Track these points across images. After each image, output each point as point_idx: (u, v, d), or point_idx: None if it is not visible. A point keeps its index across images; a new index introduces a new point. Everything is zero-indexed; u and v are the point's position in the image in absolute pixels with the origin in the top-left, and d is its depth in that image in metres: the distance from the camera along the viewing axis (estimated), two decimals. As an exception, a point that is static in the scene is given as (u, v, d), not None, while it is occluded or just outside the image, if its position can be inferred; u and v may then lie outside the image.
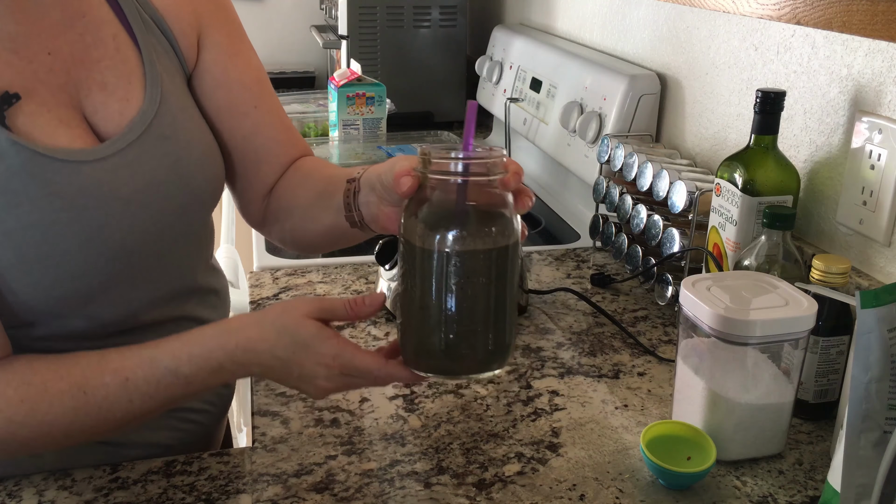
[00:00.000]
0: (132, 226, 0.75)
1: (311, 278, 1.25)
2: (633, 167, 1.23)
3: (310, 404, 0.92)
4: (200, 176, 0.82)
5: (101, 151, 0.74)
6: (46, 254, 0.70)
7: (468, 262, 0.62)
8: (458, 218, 0.62)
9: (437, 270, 0.62)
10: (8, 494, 0.76)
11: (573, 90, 1.57)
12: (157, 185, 0.77)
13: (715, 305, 0.79)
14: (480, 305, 0.64)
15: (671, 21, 1.40)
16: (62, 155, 0.71)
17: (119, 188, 0.74)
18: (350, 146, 1.64)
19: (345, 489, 0.78)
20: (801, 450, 0.86)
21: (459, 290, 0.63)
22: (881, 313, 0.61)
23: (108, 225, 0.73)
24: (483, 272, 0.63)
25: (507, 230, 0.63)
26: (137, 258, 0.77)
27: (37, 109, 0.72)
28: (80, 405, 0.69)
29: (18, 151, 0.69)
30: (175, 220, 0.80)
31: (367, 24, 2.08)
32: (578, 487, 0.79)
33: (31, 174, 0.69)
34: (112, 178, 0.74)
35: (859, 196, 0.98)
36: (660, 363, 1.02)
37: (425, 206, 0.63)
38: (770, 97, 0.96)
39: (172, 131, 0.79)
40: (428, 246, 0.62)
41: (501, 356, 0.67)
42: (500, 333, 0.66)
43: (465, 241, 0.62)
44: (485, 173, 0.62)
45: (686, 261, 1.12)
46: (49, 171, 0.70)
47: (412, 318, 0.66)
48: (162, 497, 0.76)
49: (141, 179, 0.76)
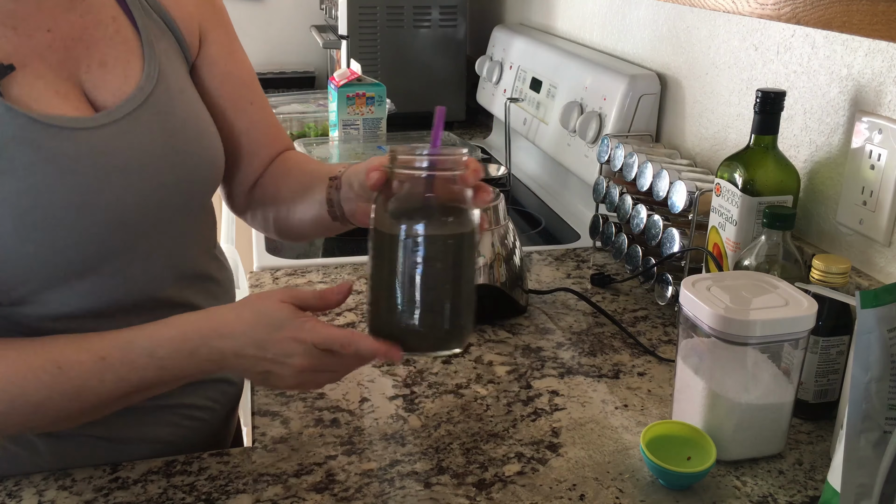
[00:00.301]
0: (126, 195, 0.75)
1: (311, 278, 1.25)
2: (633, 167, 1.23)
3: (310, 404, 0.92)
4: (197, 154, 0.83)
5: (97, 120, 0.75)
6: (42, 219, 0.70)
7: (427, 248, 0.68)
8: (420, 208, 0.69)
9: (400, 255, 0.69)
10: (8, 494, 0.76)
11: (573, 90, 1.57)
12: (153, 157, 0.78)
13: (715, 305, 0.79)
14: (438, 288, 0.70)
15: (671, 21, 1.40)
16: (57, 122, 0.72)
17: (114, 156, 0.75)
18: (350, 146, 1.64)
19: (345, 489, 0.78)
20: (801, 450, 0.86)
21: (419, 273, 0.69)
22: (881, 313, 0.61)
23: (102, 191, 0.74)
24: (440, 258, 0.69)
25: (464, 221, 0.70)
26: (133, 231, 0.77)
27: (33, 81, 0.73)
28: (54, 381, 0.70)
29: (13, 118, 0.70)
30: (171, 195, 0.80)
31: (367, 24, 2.08)
32: (578, 487, 0.79)
33: (25, 140, 0.70)
34: (107, 146, 0.75)
35: (859, 196, 0.98)
36: (660, 363, 1.02)
37: (392, 197, 0.70)
38: (770, 97, 0.96)
39: (170, 108, 0.81)
40: (392, 232, 0.69)
41: (458, 336, 0.72)
42: (457, 316, 0.71)
43: (425, 228, 0.69)
44: (445, 169, 0.69)
45: (686, 261, 1.12)
46: (44, 137, 0.71)
47: (378, 298, 0.71)
48: (162, 497, 0.76)
49: (136, 150, 0.77)
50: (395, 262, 0.69)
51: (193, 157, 0.83)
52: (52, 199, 0.71)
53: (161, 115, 0.80)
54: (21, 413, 0.71)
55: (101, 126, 0.75)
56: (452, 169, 0.69)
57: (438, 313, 0.71)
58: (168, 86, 0.81)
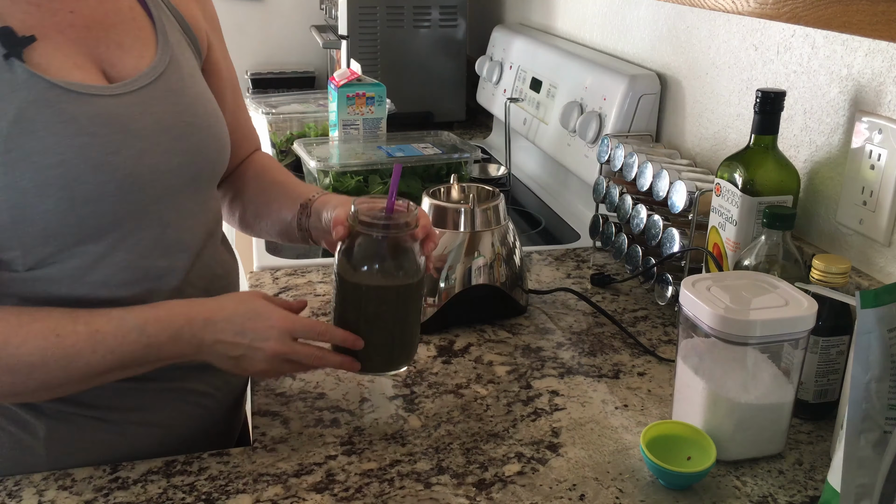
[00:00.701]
0: (141, 158, 0.80)
1: (310, 278, 1.25)
2: (633, 167, 1.23)
3: (310, 404, 0.92)
4: (207, 132, 0.88)
5: (113, 89, 0.80)
6: (60, 176, 0.75)
7: (379, 296, 0.83)
8: (375, 262, 0.82)
9: (357, 299, 0.83)
10: (8, 494, 0.76)
11: (573, 90, 1.57)
12: (165, 127, 0.83)
13: (715, 305, 0.79)
14: (387, 327, 0.85)
15: (671, 21, 1.40)
16: (76, 87, 0.77)
17: (129, 122, 0.80)
18: (350, 146, 1.64)
19: (345, 489, 0.78)
20: (801, 450, 0.86)
21: (373, 315, 0.83)
22: (881, 313, 0.61)
23: (118, 153, 0.78)
24: (391, 304, 0.84)
25: (412, 272, 0.84)
26: (146, 194, 0.81)
27: (53, 52, 0.78)
28: (49, 347, 0.74)
29: (35, 83, 0.75)
30: (182, 166, 0.85)
31: (367, 24, 2.08)
32: (578, 487, 0.79)
33: (46, 103, 0.75)
34: (123, 113, 0.80)
35: (859, 196, 0.98)
36: (660, 363, 1.02)
37: (352, 249, 0.83)
38: (770, 97, 0.96)
39: (180, 87, 0.86)
40: (352, 280, 0.82)
41: (405, 359, 0.88)
42: (404, 345, 0.87)
43: (378, 278, 0.83)
44: (399, 227, 0.82)
45: (686, 261, 1.12)
46: (63, 101, 0.76)
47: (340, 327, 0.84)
48: (162, 497, 0.76)
49: (150, 119, 0.82)
50: (354, 303, 0.83)
51: (203, 133, 0.88)
52: (69, 157, 0.75)
53: (173, 93, 0.85)
54: (13, 373, 0.74)
55: (116, 95, 0.80)
56: (405, 227, 0.82)
57: (387, 345, 0.86)
58: (179, 69, 0.87)
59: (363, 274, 0.82)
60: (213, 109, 0.91)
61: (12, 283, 0.78)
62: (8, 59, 0.74)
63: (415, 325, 0.88)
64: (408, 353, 0.88)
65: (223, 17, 1.05)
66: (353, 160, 1.54)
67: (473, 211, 1.07)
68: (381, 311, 0.83)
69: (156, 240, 0.83)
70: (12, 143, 0.73)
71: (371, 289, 0.82)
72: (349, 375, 0.97)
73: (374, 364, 0.86)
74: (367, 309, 0.83)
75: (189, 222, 0.87)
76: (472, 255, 1.07)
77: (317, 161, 1.49)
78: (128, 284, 0.82)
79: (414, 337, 0.88)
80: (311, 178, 1.55)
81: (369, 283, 0.82)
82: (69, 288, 0.79)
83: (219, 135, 0.91)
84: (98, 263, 0.79)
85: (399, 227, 0.82)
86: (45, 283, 0.78)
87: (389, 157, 1.53)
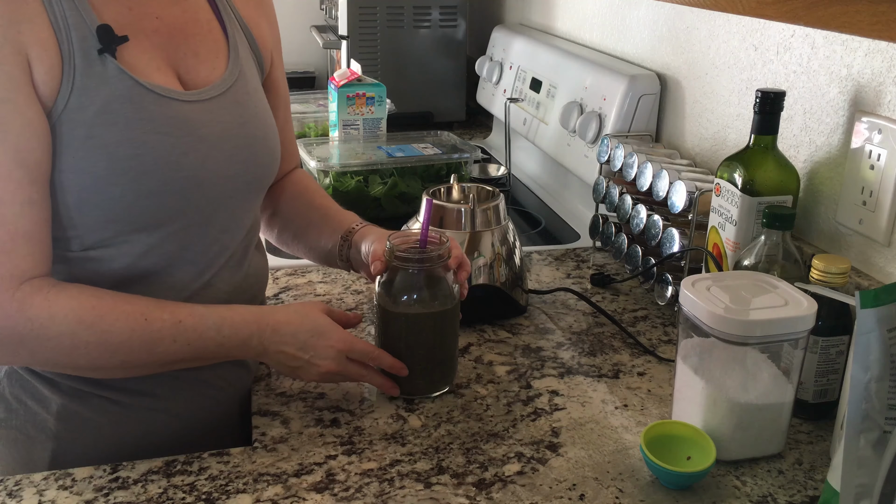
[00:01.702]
0: (205, 162, 0.86)
1: (311, 278, 1.25)
2: (633, 167, 1.23)
3: (310, 404, 0.92)
4: (264, 143, 0.94)
5: (188, 96, 0.86)
6: (132, 167, 0.80)
7: (418, 322, 0.91)
8: (412, 292, 0.90)
9: (398, 327, 0.91)
10: (8, 494, 0.76)
11: (573, 90, 1.57)
12: (230, 136, 0.89)
13: (715, 305, 0.79)
14: (427, 353, 0.92)
15: (671, 21, 1.40)
16: (157, 90, 0.83)
17: (199, 127, 0.85)
18: (350, 146, 1.64)
19: (345, 489, 0.78)
20: (800, 450, 0.86)
21: (413, 339, 0.91)
22: (881, 313, 0.61)
23: (187, 154, 0.84)
24: (428, 330, 0.91)
25: (446, 299, 0.91)
26: (205, 194, 0.86)
27: (139, 54, 0.83)
28: (137, 328, 0.79)
29: (122, 79, 0.80)
30: (240, 173, 0.90)
31: (367, 24, 2.08)
32: (578, 487, 0.79)
33: (129, 99, 0.80)
34: (195, 118, 0.85)
35: (859, 196, 0.98)
36: (660, 363, 1.03)
37: (391, 282, 0.91)
38: (770, 97, 0.96)
39: (245, 100, 0.92)
40: (392, 310, 0.90)
41: (445, 381, 0.95)
42: (444, 368, 0.94)
43: (416, 307, 0.90)
44: (433, 260, 0.90)
45: (686, 261, 1.12)
46: (145, 100, 0.81)
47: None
48: (162, 497, 0.76)
49: (217, 126, 0.87)
50: (395, 331, 0.91)
51: (260, 145, 0.93)
52: (144, 151, 0.80)
53: (238, 106, 0.91)
54: (101, 348, 0.79)
55: (191, 101, 0.86)
56: (439, 259, 0.90)
57: (428, 369, 0.92)
58: (246, 83, 0.93)
59: (402, 304, 0.90)
60: (270, 123, 0.97)
61: (65, 261, 0.82)
62: (101, 54, 0.79)
63: (453, 347, 0.94)
64: (448, 374, 0.95)
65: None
66: (354, 160, 1.54)
67: (473, 211, 1.07)
68: (420, 338, 0.91)
69: (203, 237, 0.88)
70: (94, 131, 0.78)
71: (410, 317, 0.90)
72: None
73: (418, 387, 0.93)
74: (407, 336, 0.91)
75: (235, 225, 0.93)
76: (472, 255, 1.07)
77: (317, 161, 1.49)
78: (170, 275, 0.86)
79: (453, 359, 0.95)
80: (311, 178, 1.55)
81: (408, 313, 0.90)
82: (117, 272, 0.83)
83: (273, 148, 0.97)
84: (148, 253, 0.84)
85: (433, 260, 0.90)
86: (96, 263, 0.83)
87: (389, 157, 1.54)
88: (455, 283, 0.92)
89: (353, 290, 1.21)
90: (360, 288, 1.21)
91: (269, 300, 1.17)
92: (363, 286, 1.22)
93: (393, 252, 0.90)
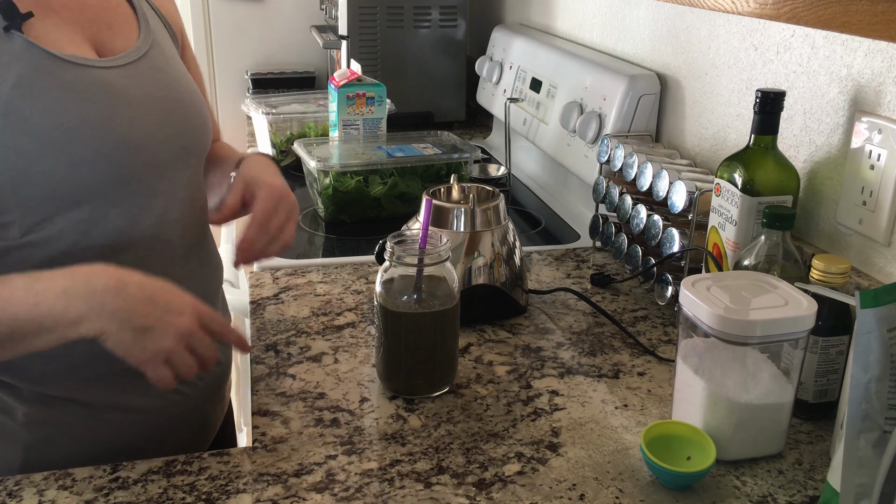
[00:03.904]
0: (134, 125, 0.84)
1: (311, 278, 1.25)
2: (633, 167, 1.23)
3: (310, 404, 0.92)
4: (190, 106, 0.93)
5: (104, 62, 0.85)
6: (59, 137, 0.78)
7: (419, 322, 0.90)
8: (412, 293, 0.90)
9: (398, 325, 0.90)
10: (8, 494, 0.76)
11: (573, 90, 1.57)
12: (154, 99, 0.88)
13: (715, 305, 0.79)
14: (428, 350, 0.91)
15: (671, 21, 1.40)
16: (71, 59, 0.81)
17: (122, 93, 0.84)
18: (350, 146, 1.64)
19: (345, 489, 0.78)
20: (800, 450, 0.86)
21: (414, 339, 0.91)
22: (881, 313, 0.61)
23: (112, 118, 0.82)
24: (429, 329, 0.91)
25: (447, 298, 0.91)
26: (140, 161, 0.85)
27: (50, 28, 0.82)
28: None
29: (33, 52, 0.79)
30: (172, 136, 0.89)
31: (367, 24, 2.08)
32: (578, 487, 0.79)
33: (44, 71, 0.79)
34: (116, 83, 0.84)
35: (859, 196, 0.98)
36: (660, 363, 1.03)
37: (391, 282, 0.91)
38: (770, 97, 0.96)
39: (163, 66, 0.92)
40: (392, 309, 0.90)
41: (447, 381, 0.95)
42: (446, 367, 0.94)
43: (416, 308, 0.90)
44: (432, 261, 0.89)
45: (686, 261, 1.12)
46: (60, 70, 0.80)
47: (384, 354, 0.93)
48: (162, 497, 0.76)
49: (139, 90, 0.86)
50: (396, 331, 0.91)
51: (188, 108, 0.93)
52: (68, 120, 0.79)
53: (157, 70, 0.90)
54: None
55: (108, 67, 0.85)
56: (438, 258, 0.90)
57: (428, 369, 0.92)
58: (162, 50, 0.93)
59: (402, 304, 0.90)
60: (194, 88, 0.96)
61: (9, 252, 0.79)
62: (8, 31, 0.78)
63: (453, 347, 0.94)
64: (448, 374, 0.95)
65: (223, 17, 1.08)
66: (354, 160, 1.54)
67: (473, 211, 1.07)
68: (420, 338, 0.91)
69: (147, 208, 0.86)
70: (11, 106, 0.76)
71: (410, 317, 0.90)
72: (349, 375, 0.97)
73: (419, 386, 0.93)
74: (408, 336, 0.91)
75: (180, 195, 0.90)
76: (472, 255, 1.07)
77: (317, 161, 1.49)
78: (119, 252, 0.83)
79: (453, 359, 0.95)
80: (311, 178, 1.55)
81: (408, 313, 0.90)
82: (64, 254, 0.80)
83: (202, 111, 0.96)
84: (91, 229, 0.82)
85: (433, 258, 0.90)
86: (41, 247, 0.80)
87: (389, 157, 1.53)
88: (454, 284, 0.92)
89: (353, 290, 1.21)
90: (360, 288, 1.21)
91: (269, 300, 1.17)
92: (363, 286, 1.22)
93: (393, 252, 0.90)
